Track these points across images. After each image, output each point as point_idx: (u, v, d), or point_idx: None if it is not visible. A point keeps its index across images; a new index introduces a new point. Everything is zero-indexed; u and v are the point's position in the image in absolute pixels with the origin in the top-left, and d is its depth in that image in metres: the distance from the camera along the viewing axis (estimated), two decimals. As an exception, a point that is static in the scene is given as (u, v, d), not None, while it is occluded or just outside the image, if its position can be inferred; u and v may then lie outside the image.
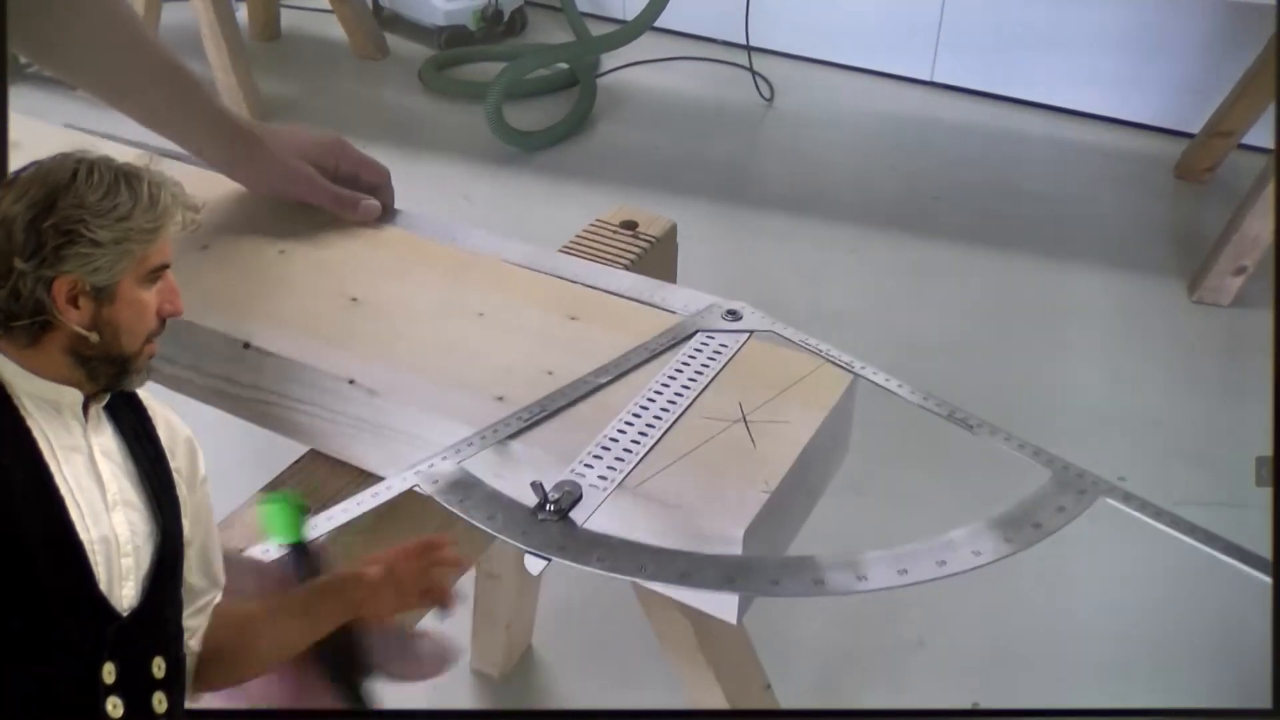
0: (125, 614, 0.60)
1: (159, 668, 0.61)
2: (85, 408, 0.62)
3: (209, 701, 0.73)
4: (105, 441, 0.62)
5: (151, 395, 0.66)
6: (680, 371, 0.91)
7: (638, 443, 0.83)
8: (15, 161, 0.83)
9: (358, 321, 0.96)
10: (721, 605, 0.80)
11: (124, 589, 0.60)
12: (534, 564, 0.76)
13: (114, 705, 0.59)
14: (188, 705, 0.66)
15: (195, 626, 0.68)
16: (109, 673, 0.59)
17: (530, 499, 0.78)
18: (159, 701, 0.61)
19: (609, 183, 2.54)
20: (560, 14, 3.08)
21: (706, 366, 0.92)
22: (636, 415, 0.86)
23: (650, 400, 0.88)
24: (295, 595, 0.71)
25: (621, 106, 2.91)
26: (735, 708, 1.24)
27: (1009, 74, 2.93)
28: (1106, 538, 1.62)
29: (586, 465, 0.81)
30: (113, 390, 0.62)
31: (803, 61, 3.12)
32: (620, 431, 0.84)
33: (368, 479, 0.89)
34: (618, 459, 0.82)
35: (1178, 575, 1.58)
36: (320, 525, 0.80)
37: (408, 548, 0.74)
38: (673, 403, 0.88)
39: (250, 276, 1.01)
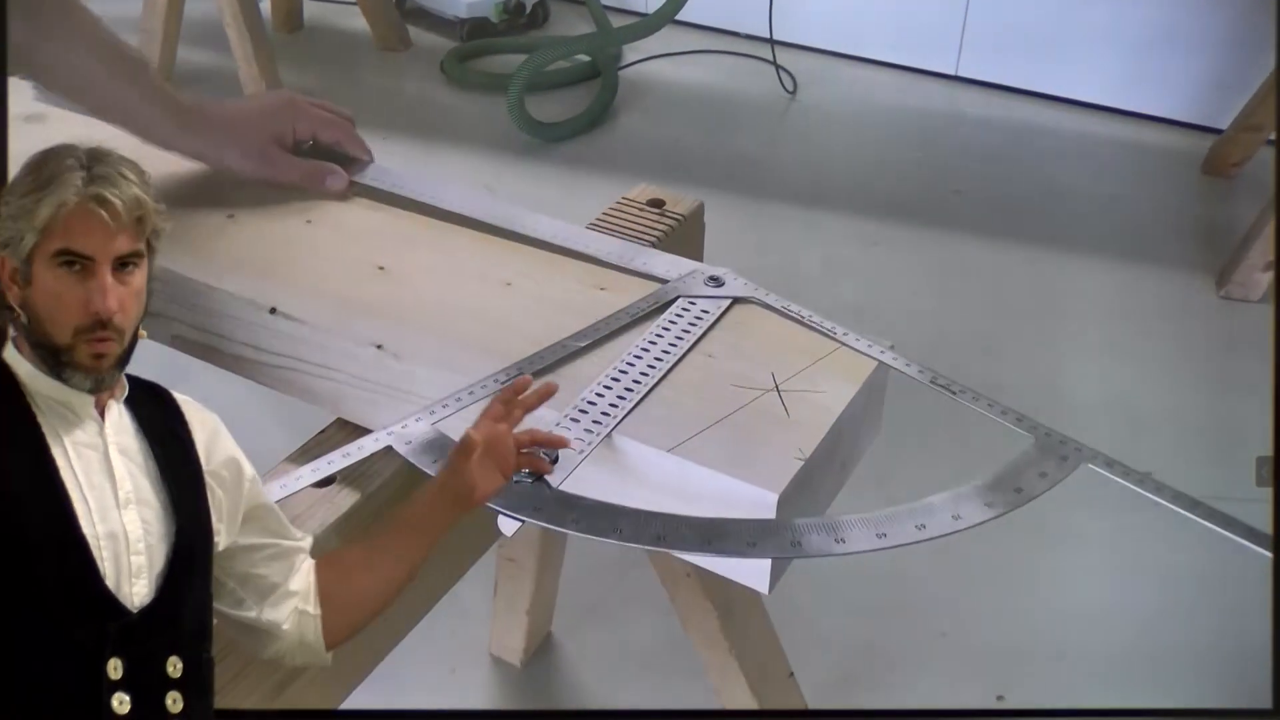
0: (135, 611, 0.59)
1: (174, 667, 0.60)
2: (102, 408, 0.62)
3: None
4: (124, 440, 0.62)
5: (203, 407, 0.67)
6: (660, 337, 0.91)
7: (616, 406, 0.83)
8: (35, 136, 0.82)
9: (385, 289, 0.95)
10: (753, 574, 0.78)
11: (134, 586, 0.59)
12: (507, 525, 0.76)
13: (120, 701, 0.58)
14: (220, 705, 0.65)
15: (298, 589, 0.69)
16: (114, 668, 0.58)
17: None
18: (173, 701, 0.60)
19: (630, 174, 2.52)
20: (582, 6, 3.07)
21: (687, 332, 0.91)
22: (615, 379, 0.86)
23: (629, 365, 0.87)
24: (400, 517, 0.72)
25: (643, 99, 2.90)
26: (758, 694, 1.23)
27: (1033, 68, 2.91)
28: (1108, 538, 1.61)
29: (563, 428, 0.80)
30: (80, 386, 0.61)
31: (826, 55, 3.10)
32: (599, 395, 0.84)
33: (392, 447, 0.88)
34: (595, 422, 0.81)
35: (1180, 576, 1.57)
36: (289, 485, 0.80)
37: (492, 412, 0.74)
38: (652, 368, 0.87)
39: (277, 244, 1.00)
